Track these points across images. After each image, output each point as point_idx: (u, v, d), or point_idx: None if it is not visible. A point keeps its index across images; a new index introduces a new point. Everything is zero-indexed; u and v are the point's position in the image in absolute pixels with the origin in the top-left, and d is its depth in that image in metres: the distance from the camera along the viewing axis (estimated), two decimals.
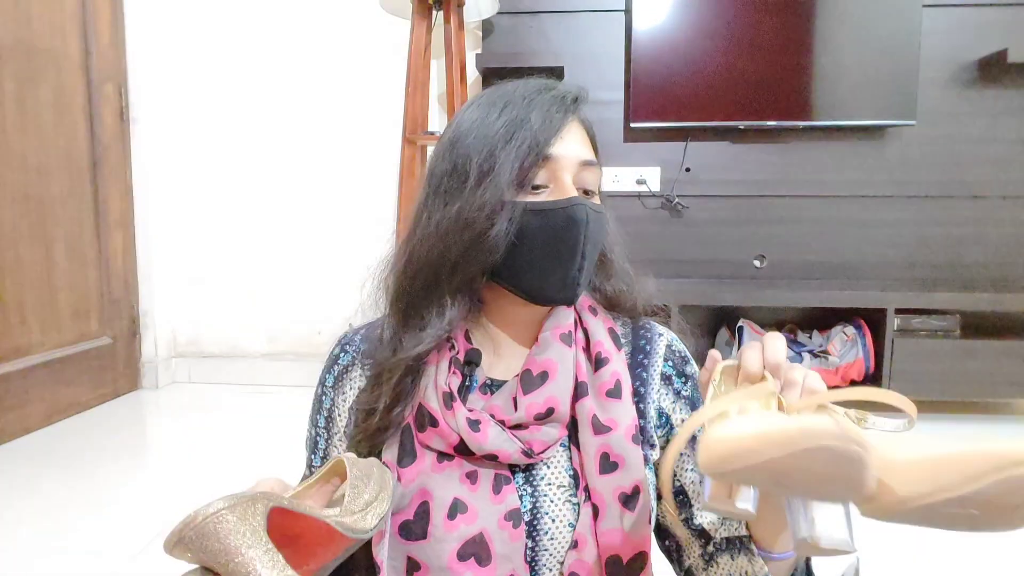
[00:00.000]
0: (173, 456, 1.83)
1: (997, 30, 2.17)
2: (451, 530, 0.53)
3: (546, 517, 0.56)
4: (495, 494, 0.55)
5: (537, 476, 0.57)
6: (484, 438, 0.54)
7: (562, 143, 0.56)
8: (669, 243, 2.36)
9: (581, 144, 0.58)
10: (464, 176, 0.55)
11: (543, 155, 0.55)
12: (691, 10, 2.16)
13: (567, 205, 0.55)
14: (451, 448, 0.56)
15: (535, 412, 0.55)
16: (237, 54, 2.44)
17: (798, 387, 0.48)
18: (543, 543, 0.55)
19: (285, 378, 2.48)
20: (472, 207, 0.54)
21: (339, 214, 2.47)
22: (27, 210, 1.95)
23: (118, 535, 1.35)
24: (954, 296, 2.01)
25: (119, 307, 2.35)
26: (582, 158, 0.57)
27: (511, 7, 2.27)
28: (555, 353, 0.58)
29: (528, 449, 0.55)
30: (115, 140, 2.31)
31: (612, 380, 0.58)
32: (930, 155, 2.25)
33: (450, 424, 0.55)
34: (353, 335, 0.66)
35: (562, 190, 0.56)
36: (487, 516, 0.54)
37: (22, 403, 1.93)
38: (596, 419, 0.57)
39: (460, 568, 0.52)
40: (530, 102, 0.56)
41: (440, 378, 0.57)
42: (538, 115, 0.55)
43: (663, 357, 0.64)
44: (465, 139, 0.56)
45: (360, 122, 2.43)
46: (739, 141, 2.31)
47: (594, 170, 0.59)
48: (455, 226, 0.55)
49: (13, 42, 1.90)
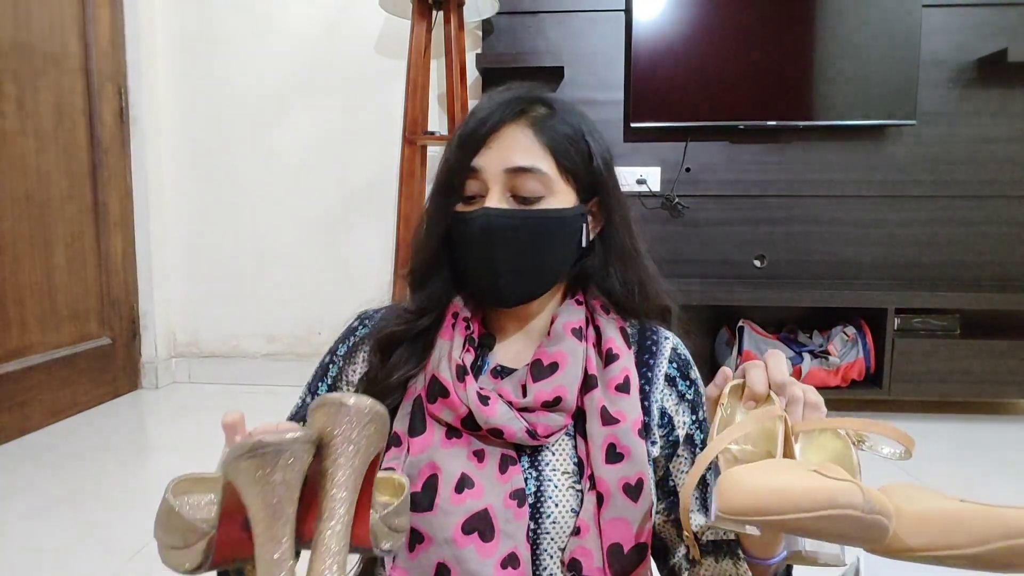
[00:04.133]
0: (173, 456, 1.82)
1: (997, 30, 2.17)
2: (458, 503, 0.55)
3: (549, 501, 0.57)
4: (501, 473, 0.57)
5: (542, 461, 0.59)
6: (492, 412, 0.56)
7: (487, 153, 0.58)
8: (669, 243, 2.36)
9: (514, 150, 0.58)
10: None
11: (468, 167, 0.58)
12: (691, 10, 2.16)
13: (477, 215, 0.58)
14: (459, 421, 0.57)
15: (543, 399, 0.57)
16: (237, 54, 2.44)
17: (800, 403, 0.49)
18: (545, 526, 0.57)
19: (285, 378, 2.47)
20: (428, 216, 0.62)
21: (339, 214, 2.47)
22: (27, 211, 1.95)
23: (118, 535, 1.35)
24: (954, 296, 2.01)
25: (119, 307, 2.35)
26: (507, 165, 0.58)
27: (511, 7, 2.27)
28: (566, 346, 0.60)
29: (532, 430, 0.57)
30: (115, 141, 2.31)
31: (622, 376, 0.60)
32: (930, 155, 2.25)
33: (460, 396, 0.57)
34: (373, 312, 0.69)
35: (486, 201, 0.58)
36: (493, 493, 0.55)
37: (22, 403, 1.92)
38: (605, 410, 0.58)
39: (464, 541, 0.53)
40: (478, 113, 0.59)
41: (455, 351, 0.60)
42: (473, 125, 0.58)
43: (668, 359, 0.66)
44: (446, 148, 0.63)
45: (360, 122, 2.43)
46: (739, 141, 2.30)
47: (534, 176, 0.58)
48: (420, 231, 0.64)
49: (13, 43, 1.90)
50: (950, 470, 1.70)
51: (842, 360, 2.06)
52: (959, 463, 1.75)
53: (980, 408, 2.20)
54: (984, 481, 1.62)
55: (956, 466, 1.73)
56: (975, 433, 1.98)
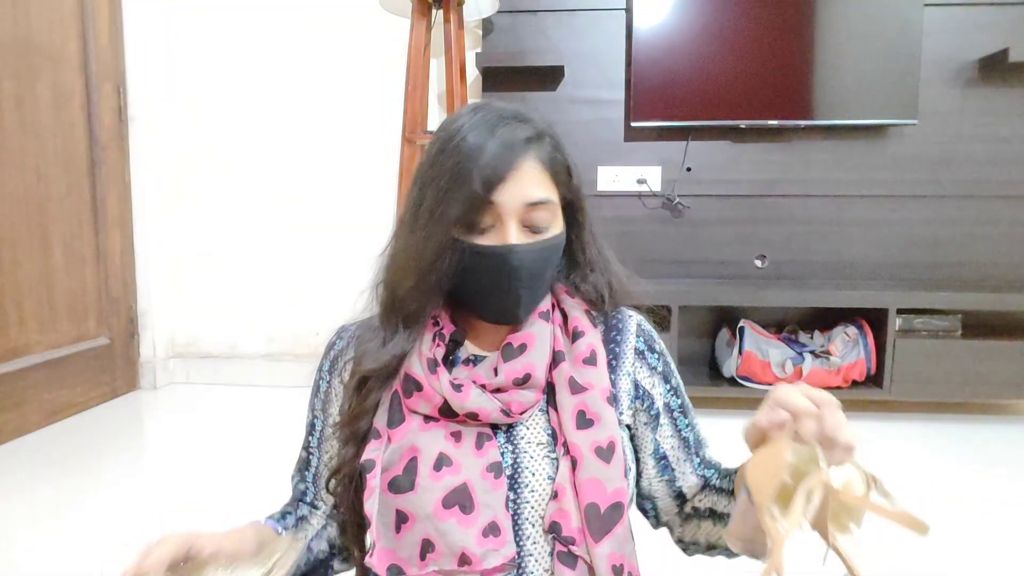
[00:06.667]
0: (171, 457, 1.82)
1: (998, 29, 2.17)
2: (437, 480, 0.57)
3: (526, 471, 0.60)
4: (478, 449, 0.60)
5: (517, 435, 0.62)
6: (466, 397, 0.59)
7: (506, 188, 0.58)
8: (670, 243, 2.35)
9: (531, 184, 0.60)
10: (419, 208, 0.61)
11: (487, 201, 0.58)
12: (692, 9, 2.16)
13: (503, 252, 0.59)
14: (436, 411, 0.61)
15: (513, 377, 0.61)
16: (236, 53, 2.43)
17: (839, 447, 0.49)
18: (524, 495, 0.59)
19: (283, 379, 2.47)
20: (423, 241, 0.60)
21: (339, 214, 2.46)
22: (25, 210, 1.95)
23: (117, 535, 1.34)
24: (956, 296, 2.01)
25: (117, 307, 2.35)
26: (527, 200, 0.60)
27: (511, 6, 2.26)
28: (534, 328, 0.64)
29: (507, 409, 0.60)
30: (113, 139, 2.31)
31: (588, 350, 0.64)
32: (931, 154, 2.25)
33: (434, 387, 0.60)
34: (349, 325, 0.72)
35: (503, 235, 0.59)
36: (470, 468, 0.58)
37: (20, 403, 1.92)
38: (573, 380, 0.62)
39: (445, 515, 0.56)
40: (482, 143, 0.58)
41: (424, 347, 0.63)
42: (487, 158, 0.58)
43: (635, 334, 0.70)
44: (428, 170, 0.61)
45: (360, 121, 2.42)
46: (740, 140, 2.30)
47: (547, 207, 0.61)
48: (411, 254, 0.61)
49: (11, 41, 1.89)
50: (950, 470, 1.69)
51: (843, 360, 2.05)
52: (959, 463, 1.75)
53: (981, 408, 2.19)
54: (984, 481, 1.61)
55: (956, 466, 1.72)
56: (975, 433, 1.98)
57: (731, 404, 2.17)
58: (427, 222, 0.60)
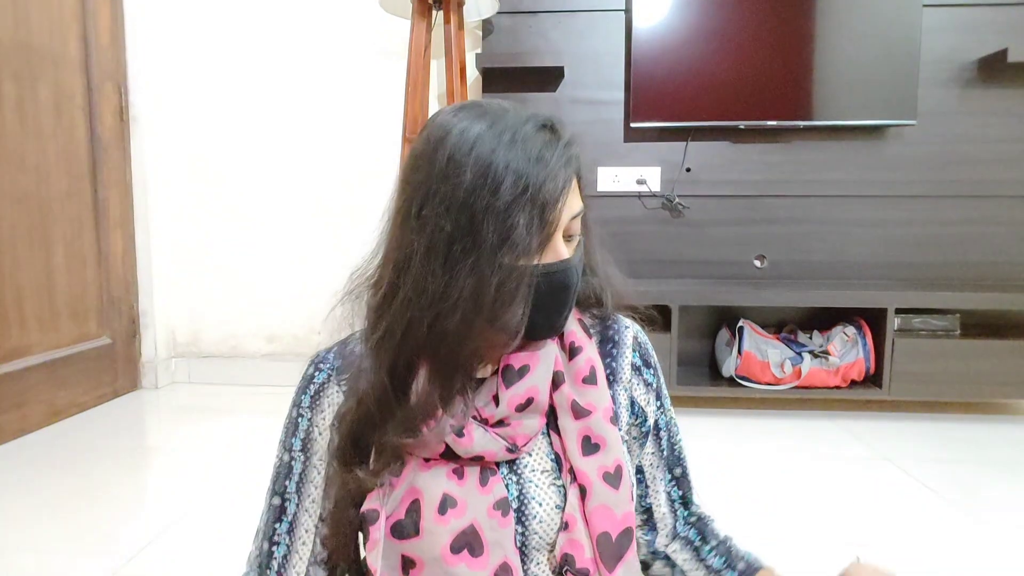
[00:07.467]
0: (173, 456, 1.82)
1: (997, 30, 2.17)
2: (443, 524, 0.55)
3: (533, 502, 0.58)
4: (482, 486, 0.57)
5: (521, 464, 0.59)
6: (470, 442, 0.56)
7: (563, 205, 0.54)
8: (669, 243, 2.36)
9: (575, 196, 0.57)
10: (477, 238, 0.51)
11: (548, 221, 0.53)
12: (691, 10, 2.16)
13: (564, 268, 0.56)
14: (437, 456, 0.57)
15: (516, 404, 0.57)
16: (237, 53, 2.43)
17: None
18: (532, 527, 0.57)
19: (285, 378, 2.47)
20: (493, 274, 0.51)
21: (339, 214, 2.47)
22: (26, 210, 1.95)
23: (117, 536, 1.34)
24: (955, 296, 2.01)
25: (118, 307, 2.35)
26: (573, 213, 0.57)
27: (511, 7, 2.27)
28: (538, 346, 0.60)
29: (512, 445, 0.57)
30: (115, 140, 2.31)
31: (587, 367, 0.61)
32: (930, 155, 2.26)
33: (435, 434, 0.56)
34: (326, 353, 0.65)
35: (556, 251, 0.55)
36: (476, 507, 0.56)
37: (21, 404, 1.92)
38: (576, 404, 0.59)
39: (454, 560, 0.54)
40: (539, 156, 0.52)
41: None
42: (549, 179, 0.52)
43: (631, 348, 0.67)
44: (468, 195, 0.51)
45: (360, 122, 2.43)
46: (739, 141, 2.31)
47: (580, 216, 0.58)
48: (472, 294, 0.51)
49: (12, 41, 1.89)
50: (949, 470, 1.70)
51: (842, 360, 2.06)
52: (959, 463, 1.75)
53: (980, 408, 2.20)
54: (983, 482, 1.62)
55: (956, 466, 1.73)
56: (975, 433, 1.98)
57: (730, 404, 2.18)
58: (494, 254, 0.50)
